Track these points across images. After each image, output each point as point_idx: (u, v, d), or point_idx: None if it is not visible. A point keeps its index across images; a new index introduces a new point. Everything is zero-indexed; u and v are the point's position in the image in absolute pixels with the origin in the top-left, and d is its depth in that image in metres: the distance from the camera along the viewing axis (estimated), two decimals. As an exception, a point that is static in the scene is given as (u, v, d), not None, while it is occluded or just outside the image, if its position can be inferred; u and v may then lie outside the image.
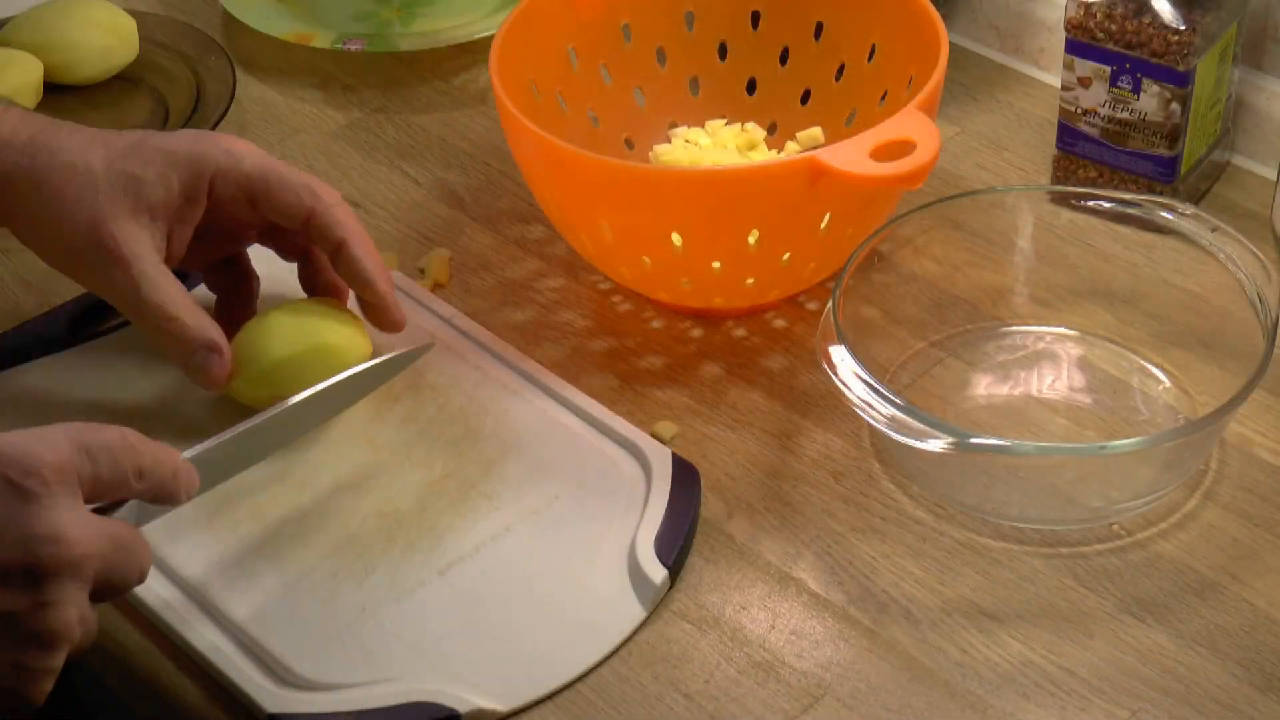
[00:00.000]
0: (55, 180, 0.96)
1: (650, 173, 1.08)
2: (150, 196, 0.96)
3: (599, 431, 1.01)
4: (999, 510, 0.97)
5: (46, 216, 0.97)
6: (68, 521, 0.77)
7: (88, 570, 0.78)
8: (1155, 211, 1.04)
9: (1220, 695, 0.88)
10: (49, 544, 0.76)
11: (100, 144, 0.98)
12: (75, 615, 0.78)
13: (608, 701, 0.89)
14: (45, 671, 0.78)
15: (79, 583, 0.78)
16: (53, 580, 0.77)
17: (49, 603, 0.77)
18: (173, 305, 0.96)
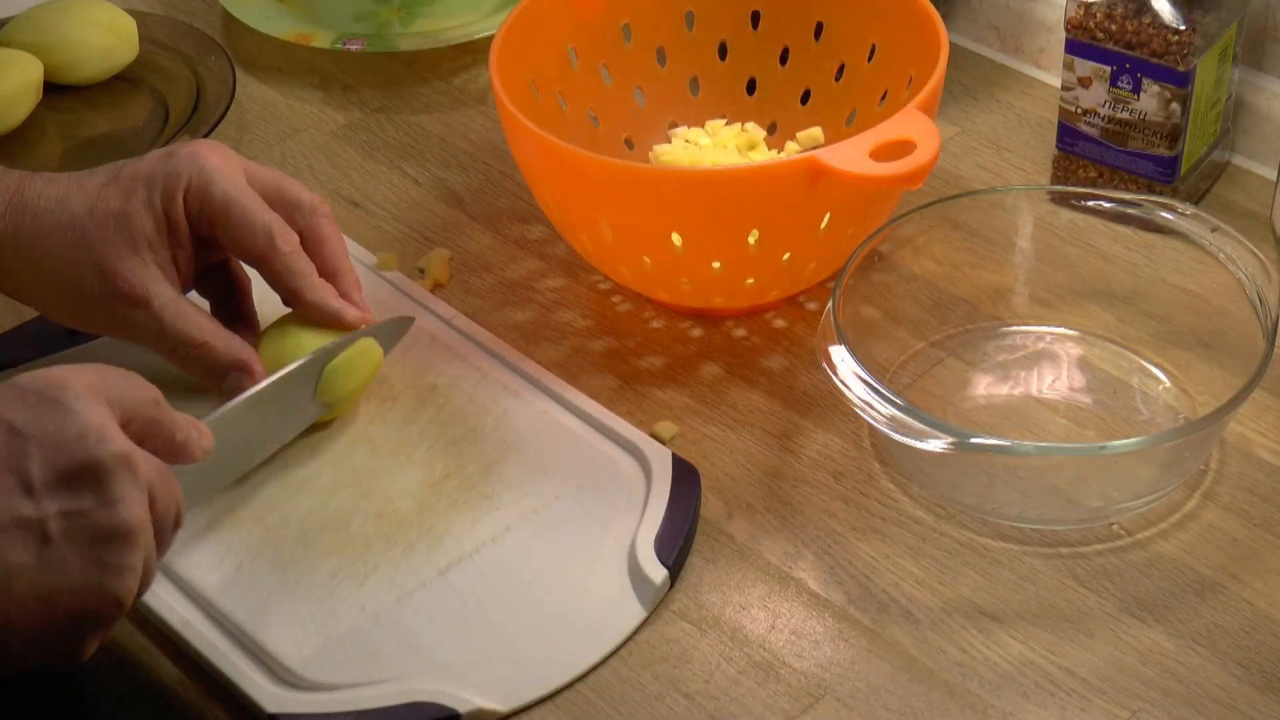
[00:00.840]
0: (45, 241, 0.96)
1: (650, 173, 1.08)
2: (143, 229, 0.96)
3: (599, 432, 1.01)
4: (999, 510, 0.97)
5: (47, 276, 0.97)
6: (110, 422, 0.78)
7: (140, 471, 0.78)
8: (1155, 211, 1.04)
9: (1220, 695, 0.88)
10: (100, 441, 0.77)
11: (77, 189, 0.97)
12: (141, 511, 0.78)
13: (608, 701, 0.89)
14: (127, 568, 0.78)
15: (136, 480, 0.78)
16: (113, 475, 0.77)
17: (115, 499, 0.77)
18: (200, 332, 0.96)
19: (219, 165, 0.98)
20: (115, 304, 0.96)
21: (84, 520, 0.77)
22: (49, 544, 0.77)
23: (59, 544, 0.77)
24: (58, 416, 0.78)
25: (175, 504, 0.82)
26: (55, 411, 0.78)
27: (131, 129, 1.26)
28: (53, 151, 1.26)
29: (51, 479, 0.77)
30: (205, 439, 0.86)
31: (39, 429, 0.77)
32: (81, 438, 0.77)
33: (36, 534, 0.77)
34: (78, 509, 0.77)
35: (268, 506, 0.97)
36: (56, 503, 0.77)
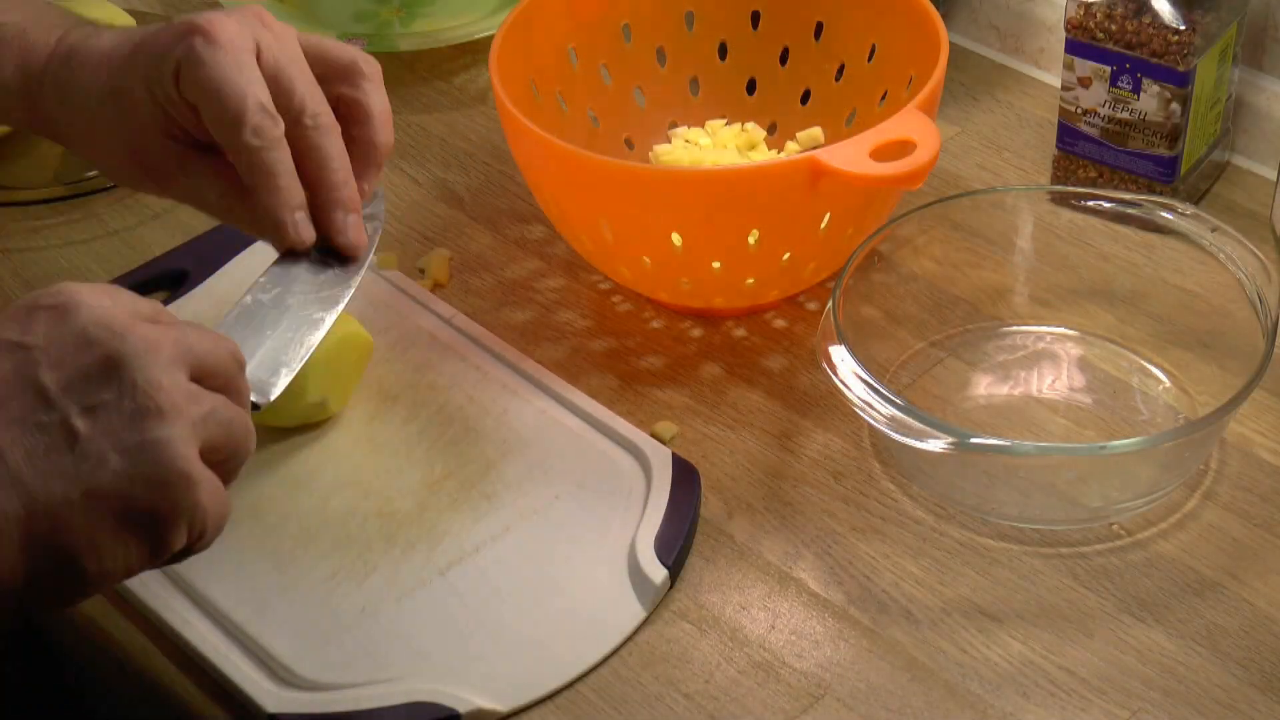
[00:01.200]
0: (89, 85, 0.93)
1: (650, 173, 1.08)
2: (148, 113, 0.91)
3: (599, 431, 1.01)
4: (999, 510, 0.97)
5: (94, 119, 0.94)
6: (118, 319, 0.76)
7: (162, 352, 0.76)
8: (1155, 211, 1.04)
9: (1220, 695, 0.88)
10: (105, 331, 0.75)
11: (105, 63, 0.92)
12: (168, 384, 0.75)
13: (608, 701, 0.89)
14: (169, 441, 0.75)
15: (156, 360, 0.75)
16: (131, 361, 0.75)
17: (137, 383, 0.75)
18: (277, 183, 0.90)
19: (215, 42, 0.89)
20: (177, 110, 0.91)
21: (108, 409, 0.75)
22: (79, 439, 0.74)
23: (90, 436, 0.74)
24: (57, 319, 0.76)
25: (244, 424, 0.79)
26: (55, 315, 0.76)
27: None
28: (53, 151, 1.26)
29: (63, 381, 0.75)
30: None
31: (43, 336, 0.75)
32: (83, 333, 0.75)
33: (65, 436, 0.74)
34: (98, 401, 0.75)
35: (267, 506, 0.97)
36: (74, 400, 0.74)
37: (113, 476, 0.74)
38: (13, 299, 1.13)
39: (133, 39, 0.93)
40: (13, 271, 1.16)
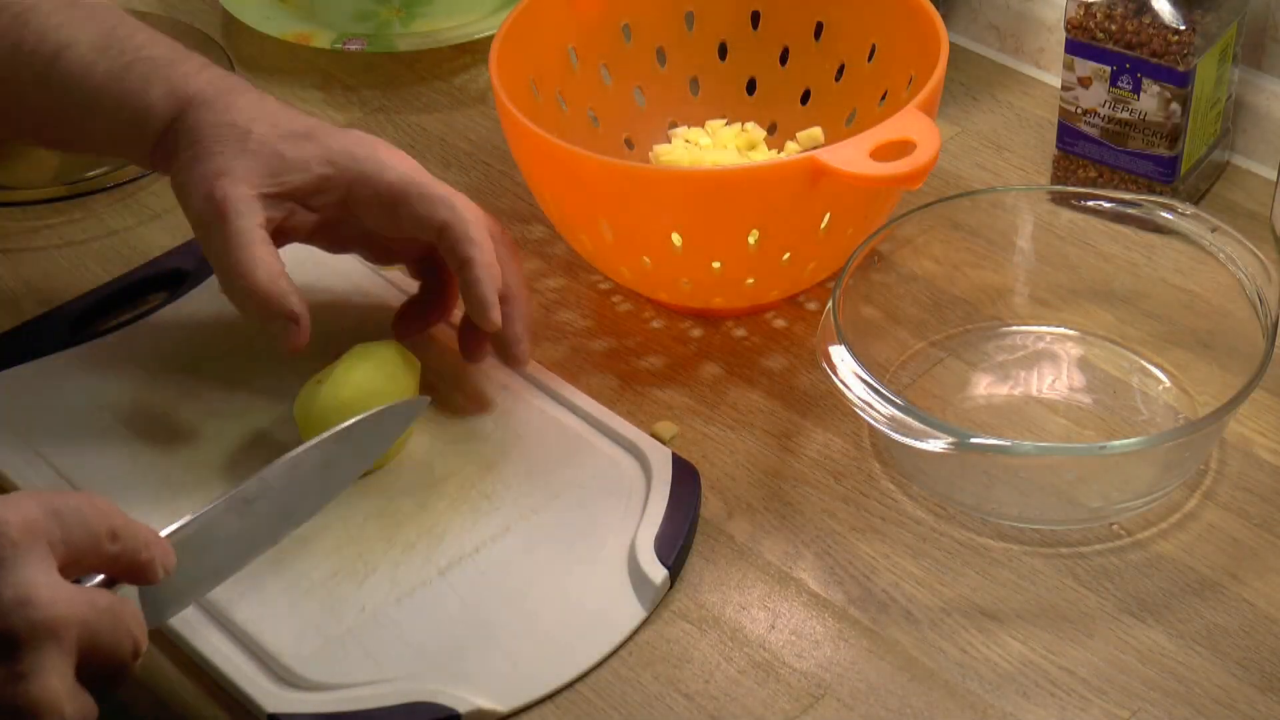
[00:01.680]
0: (210, 134, 0.97)
1: (650, 173, 1.08)
2: (287, 179, 0.97)
3: (599, 431, 1.01)
4: (999, 510, 0.97)
5: (192, 165, 0.97)
6: (39, 583, 0.73)
7: (66, 637, 0.73)
8: (1155, 211, 1.04)
9: (1220, 695, 0.88)
10: (18, 606, 0.72)
11: (269, 118, 0.98)
12: (59, 687, 0.73)
13: (608, 701, 0.89)
14: None
15: (58, 650, 0.73)
16: (27, 646, 0.72)
17: (25, 672, 0.72)
18: (260, 268, 0.95)
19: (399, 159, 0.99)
20: (207, 210, 0.96)
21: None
22: None
23: None
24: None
25: (130, 640, 0.76)
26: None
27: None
28: (53, 151, 1.26)
29: None
30: (168, 559, 0.80)
31: None
32: (3, 603, 0.72)
33: None
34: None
35: (268, 506, 0.97)
36: None
37: None
38: (13, 299, 1.13)
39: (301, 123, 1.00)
40: (13, 271, 1.16)
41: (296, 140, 0.98)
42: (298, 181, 0.97)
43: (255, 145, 0.97)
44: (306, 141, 0.98)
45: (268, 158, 0.97)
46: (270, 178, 0.97)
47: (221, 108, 0.98)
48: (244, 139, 0.97)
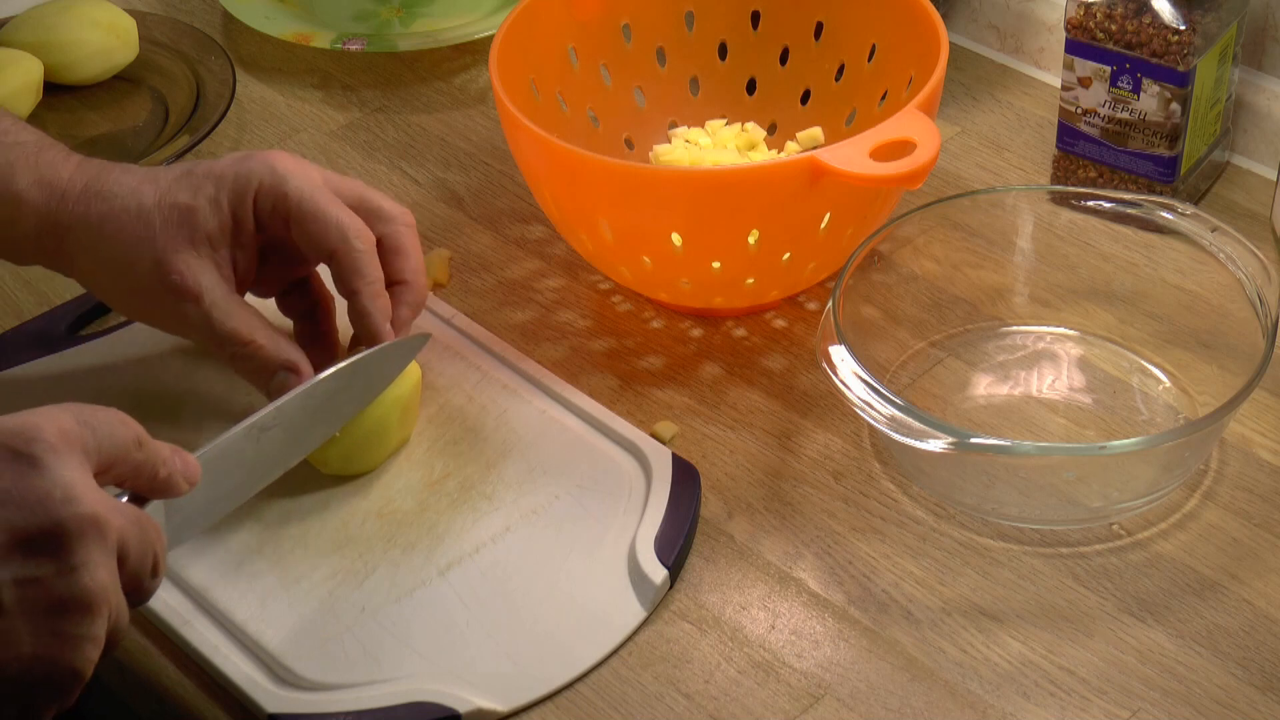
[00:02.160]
0: (112, 226, 0.95)
1: (650, 173, 1.08)
2: (205, 225, 0.95)
3: (599, 431, 1.01)
4: (999, 510, 0.97)
5: (110, 262, 0.96)
6: (80, 481, 0.75)
7: (109, 533, 0.75)
8: (1155, 211, 1.04)
9: (1220, 695, 0.88)
10: (65, 503, 0.74)
11: (150, 181, 0.97)
12: (106, 577, 0.75)
13: (608, 701, 0.89)
14: (87, 639, 0.75)
15: (103, 544, 0.75)
16: (76, 540, 0.74)
17: (77, 565, 0.74)
18: (248, 330, 0.95)
19: (293, 169, 0.96)
20: (167, 297, 0.95)
21: (41, 589, 0.74)
22: (1, 613, 0.73)
23: (12, 613, 0.73)
24: (23, 472, 0.74)
25: (152, 554, 0.79)
26: (21, 466, 0.74)
27: (131, 129, 1.27)
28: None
29: (9, 543, 0.73)
30: (191, 471, 0.83)
31: (2, 486, 0.74)
32: (46, 498, 0.74)
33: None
34: (35, 575, 0.74)
35: (267, 506, 0.97)
36: (12, 569, 0.73)
37: (18, 662, 0.74)
38: (13, 299, 1.13)
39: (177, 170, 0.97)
40: (13, 271, 1.16)
41: (187, 183, 0.96)
42: (215, 223, 0.95)
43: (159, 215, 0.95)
44: (196, 179, 0.96)
45: (179, 217, 0.95)
46: (195, 232, 0.95)
47: (105, 195, 0.96)
48: (145, 214, 0.95)
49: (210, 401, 1.03)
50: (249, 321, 0.95)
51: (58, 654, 0.75)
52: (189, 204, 0.95)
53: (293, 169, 0.96)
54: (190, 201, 0.95)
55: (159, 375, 1.05)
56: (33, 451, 0.75)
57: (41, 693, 0.75)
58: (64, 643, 0.75)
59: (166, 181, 0.96)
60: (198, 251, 0.95)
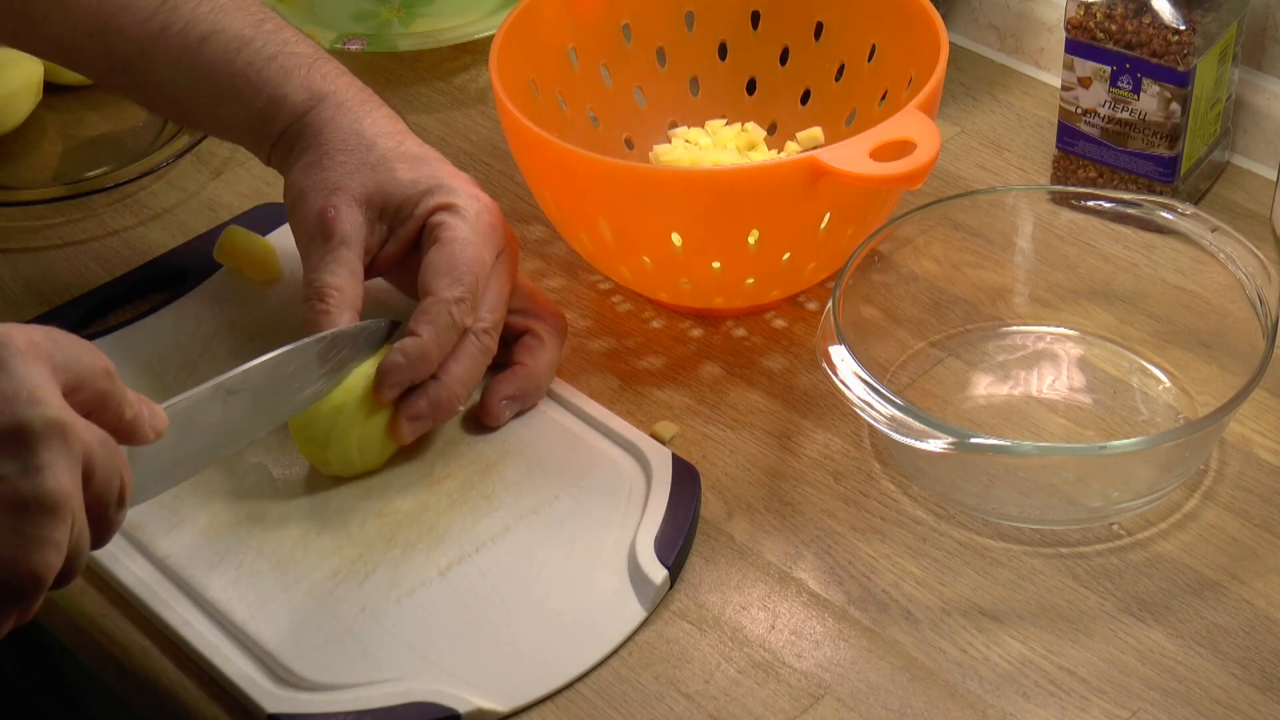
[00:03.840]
0: (335, 139, 1.00)
1: (650, 173, 1.08)
2: (390, 200, 0.99)
3: (599, 432, 1.01)
4: (999, 510, 0.97)
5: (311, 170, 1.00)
6: (47, 387, 0.74)
7: (74, 442, 0.74)
8: (1155, 211, 1.04)
9: (1220, 695, 0.88)
10: (30, 404, 0.73)
11: (395, 135, 1.01)
12: (70, 483, 0.74)
13: (608, 701, 0.89)
14: (48, 542, 0.73)
15: (67, 450, 0.74)
16: (41, 441, 0.73)
17: (41, 466, 0.73)
18: (332, 292, 0.96)
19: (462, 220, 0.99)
20: (316, 221, 0.98)
21: (3, 486, 0.73)
22: None
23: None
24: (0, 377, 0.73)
25: (118, 480, 0.77)
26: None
27: (131, 129, 1.26)
28: (53, 151, 1.26)
29: None
30: (158, 420, 0.81)
31: None
32: (12, 398, 0.73)
33: None
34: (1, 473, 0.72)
35: (267, 507, 0.97)
36: None
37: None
38: (13, 299, 1.13)
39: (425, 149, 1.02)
40: (13, 271, 1.16)
41: (413, 161, 1.00)
42: (399, 200, 0.99)
43: (375, 159, 0.99)
44: (422, 164, 1.00)
45: (384, 173, 0.99)
46: (379, 193, 0.99)
47: (354, 115, 1.01)
48: (367, 151, 1.00)
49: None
50: (342, 286, 0.97)
51: (18, 554, 0.73)
52: (398, 175, 0.99)
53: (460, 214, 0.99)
54: (405, 177, 0.99)
55: (159, 376, 1.05)
56: (1, 355, 0.74)
57: (2, 596, 0.74)
58: (25, 543, 0.73)
59: (405, 150, 1.00)
60: (363, 209, 0.98)
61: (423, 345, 0.95)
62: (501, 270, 1.00)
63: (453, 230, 0.97)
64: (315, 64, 1.03)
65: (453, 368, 0.97)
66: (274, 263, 1.10)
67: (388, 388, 0.95)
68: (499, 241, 0.99)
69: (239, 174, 1.22)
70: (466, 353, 0.98)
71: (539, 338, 1.01)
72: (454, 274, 0.96)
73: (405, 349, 0.95)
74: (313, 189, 0.99)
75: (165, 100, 1.08)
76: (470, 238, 0.97)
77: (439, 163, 1.01)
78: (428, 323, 0.95)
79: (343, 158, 1.00)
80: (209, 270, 1.12)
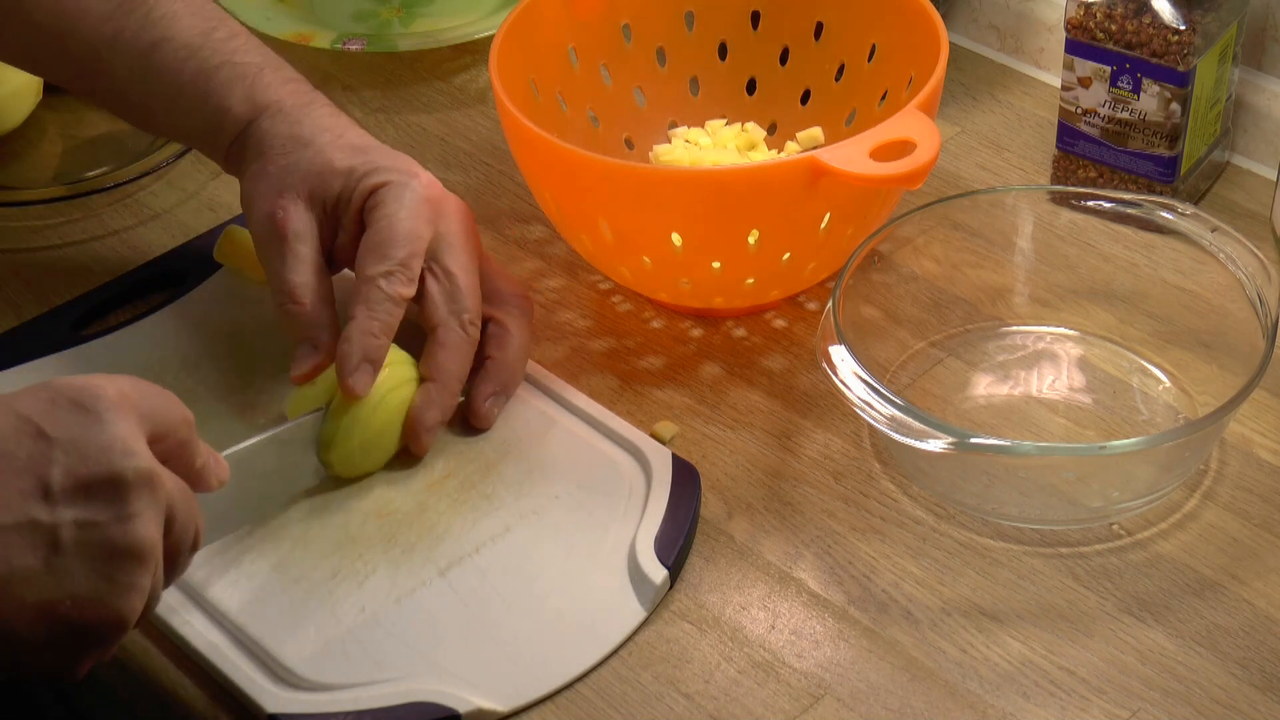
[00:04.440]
0: (276, 145, 1.00)
1: (650, 173, 1.08)
2: (330, 192, 0.99)
3: (599, 432, 1.01)
4: (999, 510, 0.97)
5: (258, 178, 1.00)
6: (138, 439, 0.78)
7: (161, 492, 0.78)
8: (1155, 211, 1.04)
9: (1220, 695, 0.88)
10: (125, 455, 0.77)
11: (333, 131, 1.01)
12: (156, 532, 0.78)
13: (608, 701, 0.89)
14: (135, 588, 0.77)
15: (155, 500, 0.78)
16: (134, 491, 0.77)
17: (133, 514, 0.77)
18: (301, 290, 0.97)
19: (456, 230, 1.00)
20: (268, 225, 0.99)
21: (98, 532, 0.76)
22: (59, 552, 0.76)
23: (69, 553, 0.76)
24: (86, 424, 0.77)
25: (194, 527, 0.82)
26: (85, 419, 0.77)
27: (131, 129, 1.26)
28: (53, 151, 1.26)
29: (71, 486, 0.76)
30: (222, 469, 0.85)
31: (67, 435, 0.77)
32: (108, 449, 0.77)
33: (48, 540, 0.76)
34: (93, 519, 0.76)
35: (268, 506, 0.97)
36: (73, 511, 0.76)
37: (72, 602, 0.77)
38: (13, 299, 1.13)
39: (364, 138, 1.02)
40: (13, 271, 1.16)
41: (350, 150, 1.00)
42: (339, 188, 0.99)
43: (313, 154, 1.00)
44: (360, 153, 1.00)
45: (322, 166, 0.99)
46: (320, 186, 0.99)
47: (293, 119, 1.01)
48: (305, 149, 1.00)
49: (210, 403, 1.03)
50: (308, 281, 0.98)
51: (107, 597, 0.77)
52: (339, 168, 0.99)
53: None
54: (341, 166, 0.99)
55: (159, 376, 1.05)
56: (96, 407, 0.77)
57: (87, 636, 0.78)
58: (114, 588, 0.77)
59: (345, 142, 1.01)
60: (309, 204, 0.99)
61: (360, 325, 0.96)
62: (460, 254, 0.99)
63: (384, 208, 0.98)
64: (260, 74, 1.03)
65: (447, 365, 0.98)
66: None
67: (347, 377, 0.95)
68: (436, 216, 0.99)
69: (239, 174, 1.22)
70: (455, 345, 0.98)
71: (504, 327, 1.01)
72: (380, 250, 0.97)
73: (348, 334, 0.96)
74: (259, 195, 1.00)
75: (123, 106, 1.08)
76: (400, 213, 0.98)
77: (378, 150, 1.01)
78: (359, 303, 0.96)
79: (284, 160, 1.00)
80: (209, 270, 1.12)
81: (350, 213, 0.99)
